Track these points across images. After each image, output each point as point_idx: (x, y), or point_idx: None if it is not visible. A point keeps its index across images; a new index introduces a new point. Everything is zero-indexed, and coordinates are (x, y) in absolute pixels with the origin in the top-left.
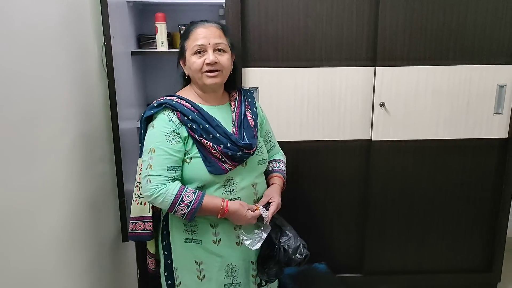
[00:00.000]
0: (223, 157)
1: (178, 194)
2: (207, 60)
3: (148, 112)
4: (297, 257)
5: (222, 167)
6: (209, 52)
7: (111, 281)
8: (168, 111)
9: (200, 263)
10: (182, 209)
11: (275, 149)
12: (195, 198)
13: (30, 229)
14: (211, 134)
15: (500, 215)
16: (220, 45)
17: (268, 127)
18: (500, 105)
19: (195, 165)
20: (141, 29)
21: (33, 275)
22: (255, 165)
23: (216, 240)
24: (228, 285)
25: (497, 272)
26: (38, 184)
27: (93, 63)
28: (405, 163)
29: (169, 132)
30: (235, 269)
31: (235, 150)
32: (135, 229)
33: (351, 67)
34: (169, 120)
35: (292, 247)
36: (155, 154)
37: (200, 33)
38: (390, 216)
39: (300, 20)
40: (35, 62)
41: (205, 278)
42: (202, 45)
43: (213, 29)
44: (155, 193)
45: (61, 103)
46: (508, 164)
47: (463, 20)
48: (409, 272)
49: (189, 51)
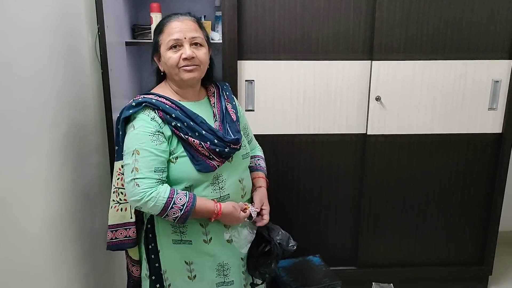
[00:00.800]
0: (211, 154)
1: (170, 197)
2: (184, 55)
3: (126, 112)
4: (290, 247)
5: (210, 165)
6: (186, 46)
7: (104, 273)
8: (149, 110)
9: (191, 263)
10: (174, 213)
11: (252, 143)
12: (188, 200)
13: (24, 220)
14: (197, 132)
15: (492, 209)
16: (196, 39)
17: (245, 120)
18: (495, 100)
19: (182, 164)
20: (135, 19)
21: (26, 265)
22: (240, 160)
23: (207, 239)
24: (220, 284)
25: (488, 265)
26: (32, 175)
27: (87, 53)
28: (400, 157)
29: (153, 132)
30: (227, 267)
31: (223, 146)
32: (116, 237)
33: (348, 60)
34: (151, 120)
35: (285, 240)
36: (139, 156)
37: (175, 27)
38: (384, 209)
39: (297, 13)
40: (29, 52)
41: (196, 278)
42: (177, 40)
43: (189, 23)
44: (145, 197)
45: (54, 93)
46: (502, 159)
47: (460, 15)
48: (403, 265)
49: (164, 46)
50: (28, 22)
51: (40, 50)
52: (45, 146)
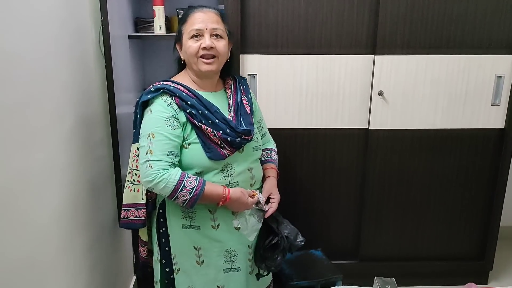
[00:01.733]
0: (222, 143)
1: (180, 180)
2: (203, 45)
3: (145, 96)
4: (298, 242)
5: (221, 153)
6: (206, 36)
7: (109, 264)
8: (166, 96)
9: (199, 248)
10: (184, 196)
11: (266, 137)
12: (197, 184)
13: (31, 211)
14: (210, 120)
15: (494, 204)
16: (217, 31)
17: (260, 114)
18: (497, 95)
19: (194, 151)
20: (138, 13)
21: (34, 256)
22: (251, 151)
23: (215, 225)
24: (227, 270)
25: (489, 260)
26: (38, 167)
27: (91, 46)
28: (402, 152)
29: (169, 117)
30: (234, 254)
31: (234, 136)
32: (127, 216)
33: (351, 55)
34: (167, 105)
35: (293, 235)
36: (154, 139)
37: (198, 18)
38: (386, 204)
39: (301, 7)
40: (34, 45)
41: (204, 263)
42: (199, 29)
43: (211, 15)
44: (156, 178)
45: (60, 86)
46: (504, 154)
47: (464, 10)
48: (404, 259)
49: (186, 35)
50: (33, 15)
51: (46, 43)
52: (52, 139)
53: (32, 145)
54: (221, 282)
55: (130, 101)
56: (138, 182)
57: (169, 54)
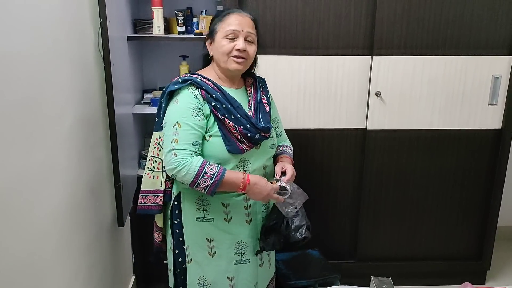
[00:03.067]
0: (242, 138)
1: (202, 167)
2: (237, 46)
3: (172, 86)
4: (296, 235)
5: (240, 147)
6: (241, 39)
7: (108, 264)
8: (193, 88)
9: (211, 240)
10: (205, 181)
11: (281, 137)
12: (218, 171)
13: (30, 211)
14: (233, 115)
15: (491, 204)
16: (251, 36)
17: (277, 115)
18: (495, 96)
19: (214, 143)
20: (137, 14)
21: (32, 256)
22: (267, 149)
23: (227, 218)
24: (237, 262)
25: (487, 260)
26: (38, 167)
27: (90, 47)
28: (399, 152)
29: (195, 108)
30: (244, 246)
31: (254, 132)
32: (145, 202)
33: (348, 55)
34: (194, 97)
35: (296, 224)
36: (180, 128)
37: (235, 19)
38: (383, 204)
39: (298, 8)
40: (33, 46)
41: (215, 255)
42: (235, 30)
43: (248, 19)
44: (179, 166)
45: (60, 86)
46: (501, 154)
47: (460, 11)
48: (401, 258)
49: (221, 33)
50: (32, 15)
51: (45, 44)
52: (51, 139)
53: (31, 145)
54: (232, 273)
55: (129, 102)
56: (158, 169)
57: (168, 55)
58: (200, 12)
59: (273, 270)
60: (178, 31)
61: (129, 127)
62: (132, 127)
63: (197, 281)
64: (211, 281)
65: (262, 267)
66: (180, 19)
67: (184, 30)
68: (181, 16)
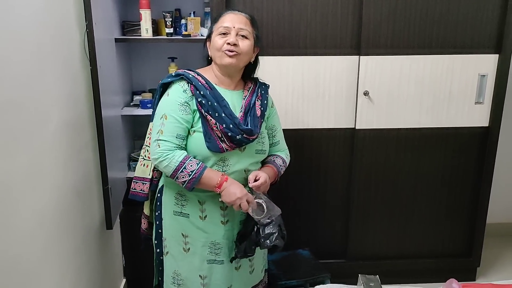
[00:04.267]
0: (223, 137)
1: (182, 162)
2: (228, 40)
3: (165, 79)
4: (266, 242)
5: (219, 146)
6: (232, 34)
7: (97, 267)
8: (183, 83)
9: (186, 236)
10: (183, 177)
11: (278, 146)
12: (197, 168)
13: (14, 214)
14: (217, 113)
15: (480, 201)
16: (243, 31)
17: (275, 123)
18: (481, 94)
19: (196, 139)
20: (125, 16)
21: (17, 260)
22: (253, 153)
23: (202, 216)
24: (211, 261)
25: (476, 257)
26: (22, 170)
27: (76, 50)
28: (388, 151)
29: (182, 102)
30: (219, 247)
31: (236, 133)
32: (135, 188)
33: (336, 55)
34: (183, 91)
35: (266, 232)
36: (167, 120)
37: (228, 17)
38: (373, 203)
39: (285, 9)
40: (16, 48)
41: (189, 251)
42: (227, 27)
43: (241, 17)
44: (161, 157)
45: (43, 89)
46: (489, 152)
47: (446, 10)
48: (392, 257)
49: (215, 32)
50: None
51: (28, 46)
52: (35, 142)
53: (15, 148)
54: (204, 272)
55: (118, 104)
56: (149, 159)
57: (156, 57)
58: (188, 13)
59: (258, 278)
60: (167, 33)
61: (117, 129)
62: (121, 129)
63: (172, 275)
64: (183, 277)
65: (239, 270)
66: (168, 21)
67: (172, 32)
68: (169, 18)
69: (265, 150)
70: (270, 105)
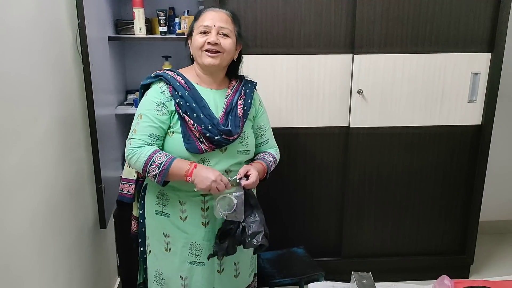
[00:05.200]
0: (202, 138)
1: (151, 155)
2: (208, 40)
3: (145, 81)
4: (252, 241)
5: (198, 147)
6: (213, 33)
7: (90, 266)
8: (162, 83)
9: (168, 236)
10: (153, 170)
11: (268, 144)
12: (166, 160)
13: (4, 214)
14: (195, 113)
15: (473, 199)
16: (224, 30)
17: (264, 122)
18: (474, 92)
19: (175, 140)
20: (118, 14)
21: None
22: (235, 153)
23: (182, 216)
24: (191, 262)
25: (470, 254)
26: (12, 169)
27: (68, 48)
28: (382, 149)
29: (158, 103)
30: (199, 248)
31: (214, 133)
32: (122, 190)
33: (330, 54)
34: (160, 92)
35: (252, 231)
36: (141, 120)
37: (208, 16)
38: (367, 201)
39: (279, 8)
40: (9, 47)
41: (171, 251)
42: (207, 26)
43: (222, 14)
44: (131, 153)
45: (34, 87)
46: (482, 150)
47: (439, 9)
48: (386, 254)
49: (196, 31)
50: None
51: (18, 44)
52: (25, 141)
53: (4, 147)
54: (185, 273)
55: (111, 103)
56: None
57: (150, 55)
58: (182, 12)
59: (245, 282)
60: (160, 31)
61: (111, 128)
62: (114, 128)
63: (154, 273)
64: (165, 276)
65: (222, 273)
66: (162, 19)
67: (166, 30)
68: (163, 16)
69: (249, 150)
70: (257, 103)
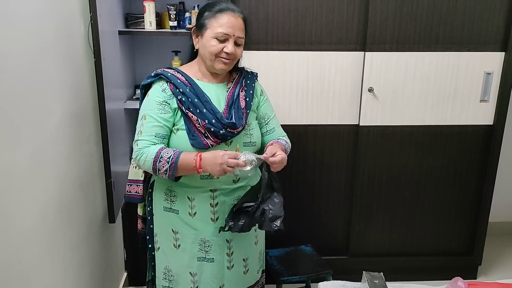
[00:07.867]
0: (206, 133)
1: (158, 152)
2: (227, 50)
3: (145, 81)
4: (273, 224)
5: (204, 142)
6: (231, 42)
7: (99, 261)
8: (162, 82)
9: (176, 232)
10: (163, 166)
11: (275, 133)
12: (173, 154)
13: (16, 208)
14: (198, 109)
15: (483, 200)
16: (240, 40)
17: (267, 111)
18: (486, 92)
19: (180, 137)
20: (129, 8)
21: (19, 254)
22: (240, 146)
23: (191, 212)
24: (200, 258)
25: (478, 256)
26: (24, 163)
27: (80, 42)
28: (392, 148)
29: (160, 102)
30: (208, 244)
31: (219, 127)
32: (129, 191)
33: (341, 51)
34: (162, 91)
35: (273, 214)
36: (146, 121)
37: (228, 21)
38: (376, 199)
39: (291, 4)
40: (21, 40)
41: (180, 248)
42: (227, 34)
43: (241, 21)
44: (139, 154)
45: (46, 81)
46: (492, 150)
47: (453, 7)
48: (394, 254)
49: (211, 31)
50: (17, 10)
51: (31, 37)
52: (37, 135)
53: (17, 140)
54: (194, 269)
55: (121, 97)
56: None
57: (160, 50)
58: (192, 7)
59: (254, 278)
60: (171, 26)
61: (120, 123)
62: (123, 123)
63: (163, 270)
64: (174, 273)
65: (231, 270)
66: (172, 14)
67: (176, 25)
68: (173, 11)
69: (255, 142)
70: (259, 93)
